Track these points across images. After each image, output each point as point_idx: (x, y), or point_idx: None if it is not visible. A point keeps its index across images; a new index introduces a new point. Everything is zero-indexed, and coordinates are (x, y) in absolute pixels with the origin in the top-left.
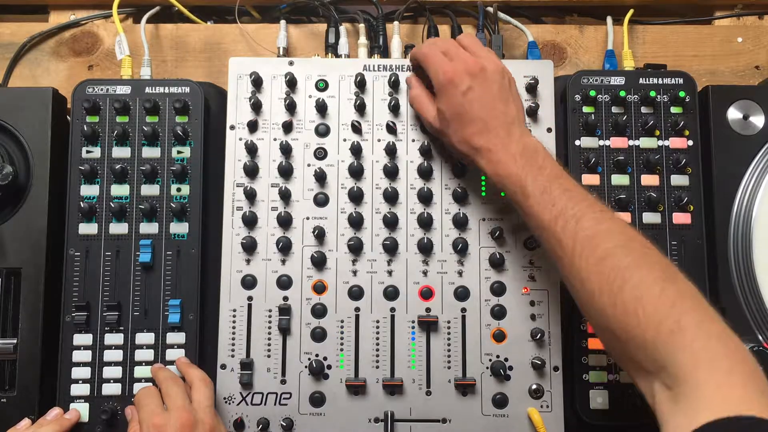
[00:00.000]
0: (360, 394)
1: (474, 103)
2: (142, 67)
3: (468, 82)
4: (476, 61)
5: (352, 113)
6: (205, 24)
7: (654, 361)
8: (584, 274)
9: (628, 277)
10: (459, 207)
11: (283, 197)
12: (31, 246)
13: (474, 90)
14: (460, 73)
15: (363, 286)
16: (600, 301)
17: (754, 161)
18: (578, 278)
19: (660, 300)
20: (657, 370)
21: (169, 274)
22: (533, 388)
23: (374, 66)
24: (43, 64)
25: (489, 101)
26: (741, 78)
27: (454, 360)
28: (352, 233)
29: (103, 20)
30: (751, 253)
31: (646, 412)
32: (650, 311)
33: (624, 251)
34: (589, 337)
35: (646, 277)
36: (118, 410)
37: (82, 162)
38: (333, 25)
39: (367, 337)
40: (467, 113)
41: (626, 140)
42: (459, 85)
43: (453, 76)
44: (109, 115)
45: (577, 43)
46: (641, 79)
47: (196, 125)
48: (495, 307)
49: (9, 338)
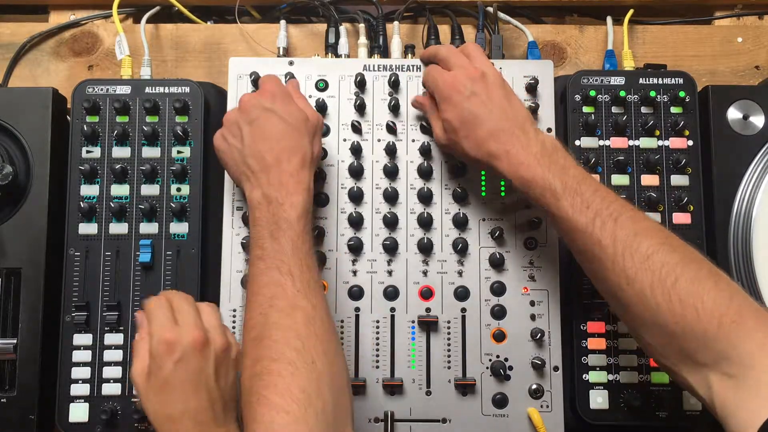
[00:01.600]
0: (360, 394)
1: (481, 106)
2: (142, 67)
3: (471, 86)
4: (476, 67)
5: (352, 113)
6: (205, 24)
7: (713, 351)
8: (631, 273)
9: (680, 273)
10: (459, 207)
11: None
12: (31, 246)
13: (478, 94)
14: (462, 79)
15: (363, 286)
16: (652, 297)
17: (754, 161)
18: (624, 277)
19: (717, 293)
20: (716, 360)
21: (169, 274)
22: (533, 388)
23: (374, 66)
24: (43, 64)
25: (497, 103)
26: (741, 78)
27: (454, 360)
28: (352, 233)
29: (103, 20)
30: (751, 253)
31: (646, 412)
32: (710, 305)
33: (669, 248)
34: (589, 337)
35: (697, 271)
36: (118, 410)
37: (82, 162)
38: (333, 25)
39: (367, 337)
40: (476, 117)
41: (626, 140)
42: (462, 91)
43: (454, 82)
44: (109, 115)
45: (577, 43)
46: (641, 79)
47: (196, 125)
48: (495, 307)
49: (9, 338)
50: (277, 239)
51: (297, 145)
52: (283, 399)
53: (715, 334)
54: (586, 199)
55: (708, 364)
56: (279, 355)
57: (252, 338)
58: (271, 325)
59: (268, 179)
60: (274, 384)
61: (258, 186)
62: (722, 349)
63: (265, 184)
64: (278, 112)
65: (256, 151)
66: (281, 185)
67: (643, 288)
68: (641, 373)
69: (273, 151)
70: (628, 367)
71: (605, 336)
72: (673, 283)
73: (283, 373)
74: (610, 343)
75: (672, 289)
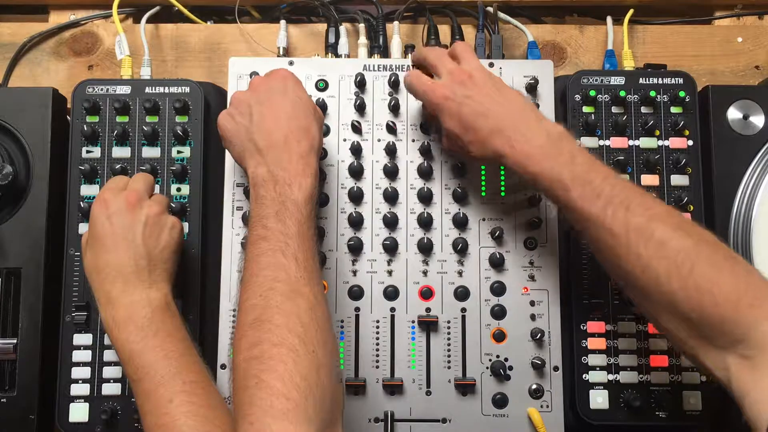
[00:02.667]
0: (360, 394)
1: (477, 107)
2: (142, 67)
3: (461, 91)
4: (461, 69)
5: (352, 113)
6: (205, 24)
7: (731, 335)
8: (645, 261)
9: (696, 259)
10: (459, 207)
11: None
12: (31, 246)
13: (471, 96)
14: (451, 86)
15: (363, 286)
16: (668, 285)
17: (754, 161)
18: (638, 265)
19: (733, 277)
20: (733, 344)
21: None
22: (533, 388)
23: (374, 66)
24: (43, 64)
25: (491, 100)
26: (741, 78)
27: (454, 360)
28: (352, 233)
29: (103, 20)
30: (751, 253)
31: (646, 412)
32: (726, 289)
33: (683, 233)
34: (589, 337)
35: (712, 256)
36: (118, 410)
37: (82, 162)
38: (333, 25)
39: (367, 337)
40: (475, 120)
41: (626, 140)
42: (454, 98)
43: (444, 91)
44: (109, 115)
45: (577, 43)
46: (641, 79)
47: (196, 125)
48: (495, 307)
49: (9, 338)
50: (282, 220)
51: (307, 128)
52: (285, 385)
53: (733, 318)
54: (596, 188)
55: (726, 347)
56: (281, 340)
57: (251, 321)
58: (273, 309)
59: (277, 158)
60: (274, 369)
61: (264, 163)
62: (740, 332)
63: (272, 161)
64: (290, 95)
65: (266, 128)
66: (290, 164)
67: (659, 275)
68: (641, 373)
69: (282, 130)
70: (628, 367)
71: (605, 336)
72: (689, 271)
73: (285, 359)
74: (610, 343)
75: (689, 277)
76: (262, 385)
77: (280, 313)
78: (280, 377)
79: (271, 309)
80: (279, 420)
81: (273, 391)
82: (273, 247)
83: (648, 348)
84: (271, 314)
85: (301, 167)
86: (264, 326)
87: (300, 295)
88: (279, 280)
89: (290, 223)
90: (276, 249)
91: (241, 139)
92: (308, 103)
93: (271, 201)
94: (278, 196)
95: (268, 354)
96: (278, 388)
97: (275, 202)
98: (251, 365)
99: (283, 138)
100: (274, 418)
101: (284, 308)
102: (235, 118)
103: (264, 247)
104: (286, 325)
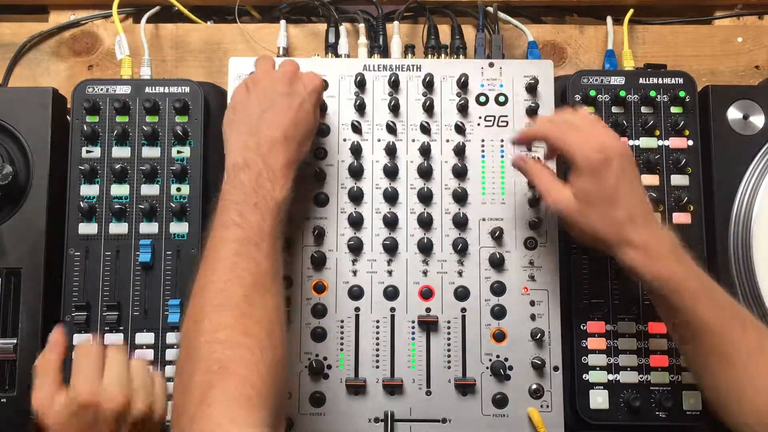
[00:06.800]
0: (360, 394)
1: (626, 186)
2: (142, 67)
3: (620, 162)
4: (624, 142)
5: (352, 113)
6: (205, 24)
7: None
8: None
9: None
10: (459, 207)
11: None
12: (31, 246)
13: (626, 172)
14: (614, 152)
15: (363, 286)
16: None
17: (754, 161)
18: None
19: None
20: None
21: (169, 274)
22: (533, 388)
23: (374, 66)
24: (43, 64)
25: (637, 186)
26: (741, 78)
27: (454, 360)
28: (352, 233)
29: (103, 20)
30: (751, 253)
31: (646, 412)
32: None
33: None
34: (589, 337)
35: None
36: None
37: (82, 162)
38: (333, 25)
39: (367, 337)
40: (620, 198)
41: (626, 140)
42: (613, 166)
43: (610, 153)
44: (109, 114)
45: (577, 43)
46: (641, 79)
47: (196, 125)
48: (495, 307)
49: (9, 338)
50: (261, 214)
51: (303, 142)
52: (250, 373)
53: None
54: (719, 300)
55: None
56: (248, 331)
57: (216, 304)
58: (241, 298)
59: (270, 151)
60: (241, 357)
61: (256, 149)
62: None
63: (265, 152)
64: (308, 108)
65: (276, 120)
66: (278, 164)
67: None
68: (641, 373)
69: (287, 131)
70: (628, 367)
71: (605, 336)
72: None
73: (253, 349)
74: (610, 343)
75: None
76: (226, 371)
77: (249, 303)
78: (246, 365)
79: (239, 297)
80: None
81: (237, 377)
82: (247, 237)
83: (648, 348)
84: (238, 302)
85: (285, 171)
86: (231, 313)
87: (268, 291)
88: (250, 272)
89: (268, 219)
90: (250, 240)
91: (248, 114)
92: (315, 125)
93: (250, 190)
94: (259, 188)
95: (237, 342)
96: (244, 374)
97: (254, 193)
98: (215, 348)
99: (284, 138)
100: (238, 402)
101: (254, 300)
102: (251, 92)
103: (238, 234)
104: (255, 317)
